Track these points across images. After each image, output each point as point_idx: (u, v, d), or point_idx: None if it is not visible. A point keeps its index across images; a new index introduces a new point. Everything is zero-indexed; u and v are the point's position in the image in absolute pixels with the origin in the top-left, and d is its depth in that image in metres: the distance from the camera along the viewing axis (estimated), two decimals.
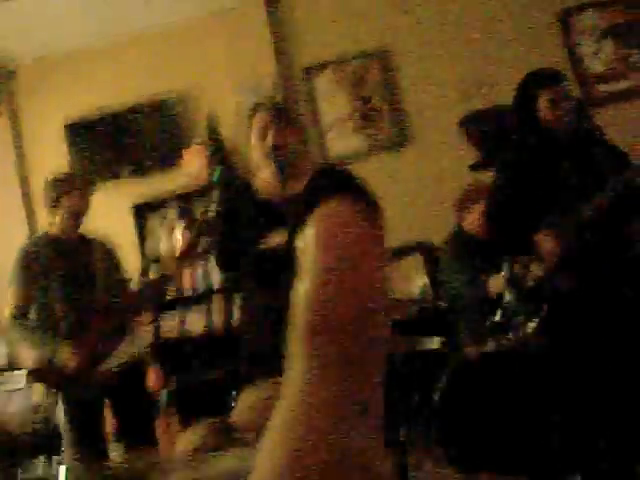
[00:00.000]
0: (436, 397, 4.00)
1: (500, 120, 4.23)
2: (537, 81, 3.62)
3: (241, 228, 3.27)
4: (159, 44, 6.85)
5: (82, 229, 4.48)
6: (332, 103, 6.63)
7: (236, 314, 5.83)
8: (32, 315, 4.30)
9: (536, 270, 3.50)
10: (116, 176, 6.72)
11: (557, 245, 3.45)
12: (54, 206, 4.37)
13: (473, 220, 4.68)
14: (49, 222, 4.44)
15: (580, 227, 3.44)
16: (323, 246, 1.22)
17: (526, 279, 3.53)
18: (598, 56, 6.30)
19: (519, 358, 3.95)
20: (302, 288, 1.21)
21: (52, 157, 6.72)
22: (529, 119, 3.59)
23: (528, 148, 3.64)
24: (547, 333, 3.54)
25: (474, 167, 4.54)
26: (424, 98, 6.48)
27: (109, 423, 4.42)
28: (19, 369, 5.99)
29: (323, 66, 6.66)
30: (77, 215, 4.39)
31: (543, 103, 3.54)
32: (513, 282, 3.60)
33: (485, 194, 4.04)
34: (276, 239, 3.14)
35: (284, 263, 3.07)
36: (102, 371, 4.25)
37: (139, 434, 4.37)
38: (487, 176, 3.96)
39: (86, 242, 4.50)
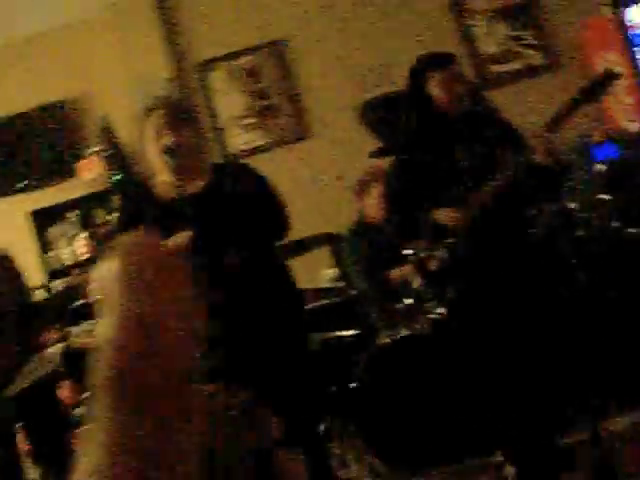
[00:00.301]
0: (353, 386, 4.01)
1: (397, 106, 4.24)
2: (427, 64, 3.64)
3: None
4: (47, 47, 6.64)
5: None
6: (228, 99, 6.57)
7: None
8: None
9: (438, 253, 3.52)
10: (11, 188, 6.51)
11: (460, 216, 3.47)
12: None
13: (372, 204, 4.70)
14: None
15: (480, 207, 3.47)
16: (123, 283, 1.12)
17: (430, 262, 3.55)
18: (491, 37, 6.39)
19: (431, 342, 3.99)
20: (102, 330, 1.12)
21: None
22: (421, 102, 3.61)
23: (421, 131, 3.66)
24: (455, 315, 3.57)
25: (374, 154, 4.55)
26: (321, 89, 6.46)
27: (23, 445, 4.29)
28: None
29: (215, 61, 6.58)
30: None
31: (433, 85, 3.56)
32: (418, 267, 3.62)
33: (383, 177, 4.06)
34: (177, 239, 3.09)
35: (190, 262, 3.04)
36: (10, 395, 4.08)
37: (55, 453, 4.25)
38: (387, 162, 3.97)
39: None
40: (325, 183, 6.22)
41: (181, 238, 3.08)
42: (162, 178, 3.33)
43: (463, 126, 3.59)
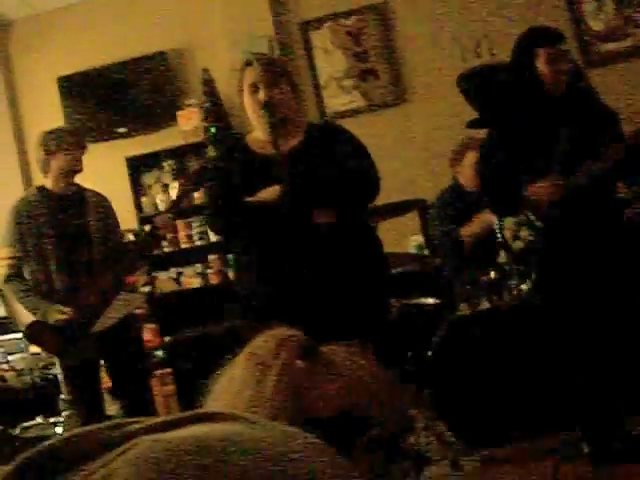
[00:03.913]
0: (430, 355, 4.02)
1: (498, 78, 4.18)
2: (537, 38, 3.58)
3: (235, 185, 3.26)
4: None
5: (77, 182, 4.41)
6: (328, 60, 6.57)
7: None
8: (26, 274, 4.25)
9: (525, 235, 3.49)
10: (111, 133, 6.67)
11: (557, 192, 3.44)
12: (45, 166, 4.29)
13: (467, 172, 4.68)
14: (42, 180, 4.39)
15: (578, 187, 3.44)
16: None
17: (515, 242, 3.52)
18: (599, 15, 6.22)
19: (511, 317, 3.97)
20: None
21: (47, 111, 6.67)
22: (526, 76, 3.56)
23: (522, 105, 3.62)
24: (540, 294, 3.54)
25: (471, 124, 4.50)
26: (422, 55, 6.42)
27: (105, 381, 4.43)
28: (18, 331, 6.00)
29: (320, 22, 6.59)
30: (69, 175, 4.31)
31: (542, 61, 3.51)
32: (503, 244, 3.60)
33: (478, 147, 4.03)
34: (266, 194, 3.13)
35: (277, 217, 3.09)
36: (96, 330, 4.21)
37: (134, 392, 4.37)
38: (483, 132, 3.94)
39: (81, 197, 4.39)
40: (419, 149, 6.20)
41: (270, 192, 3.12)
42: (257, 133, 3.37)
43: (565, 104, 3.54)
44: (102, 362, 4.38)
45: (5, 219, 4.30)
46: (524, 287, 3.78)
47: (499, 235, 3.61)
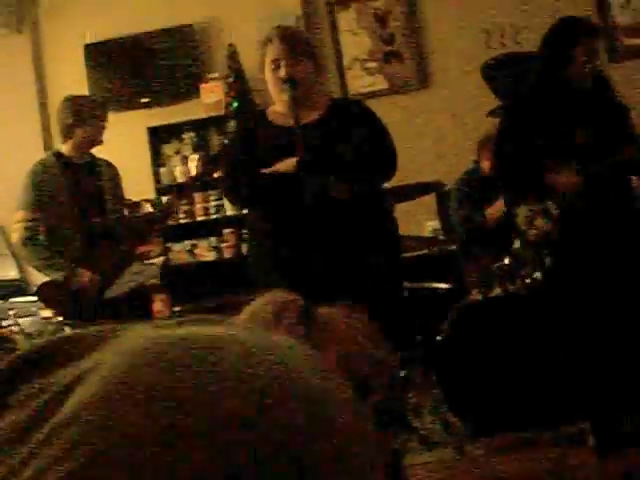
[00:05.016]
0: (440, 340, 4.02)
1: (522, 67, 4.17)
2: (576, 31, 3.56)
3: (253, 157, 3.28)
4: None
5: (93, 151, 4.44)
6: (354, 40, 6.56)
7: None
8: (41, 237, 4.28)
9: (540, 223, 3.49)
10: (133, 102, 6.68)
11: (578, 183, 3.44)
12: (69, 132, 4.31)
13: (489, 159, 4.68)
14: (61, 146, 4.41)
15: (597, 179, 3.44)
16: None
17: (530, 231, 3.53)
18: (628, 7, 6.15)
19: (523, 304, 3.97)
20: None
21: (71, 78, 6.68)
22: (557, 67, 3.54)
23: (548, 94, 3.61)
24: (554, 282, 3.54)
25: (492, 113, 4.50)
26: (447, 41, 6.40)
27: None
28: (30, 294, 6.03)
29: (347, 2, 6.57)
30: (90, 145, 4.35)
31: (579, 53, 3.49)
32: (518, 232, 3.60)
33: None
34: (283, 165, 3.15)
35: (292, 189, 3.11)
36: (108, 298, 4.24)
37: None
38: None
39: (93, 165, 4.43)
40: (440, 134, 6.18)
41: (287, 164, 3.14)
42: (278, 108, 3.38)
43: (589, 97, 3.54)
44: None
45: (22, 183, 4.32)
46: (537, 275, 3.79)
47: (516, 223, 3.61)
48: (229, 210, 6.37)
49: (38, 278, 4.51)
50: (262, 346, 0.66)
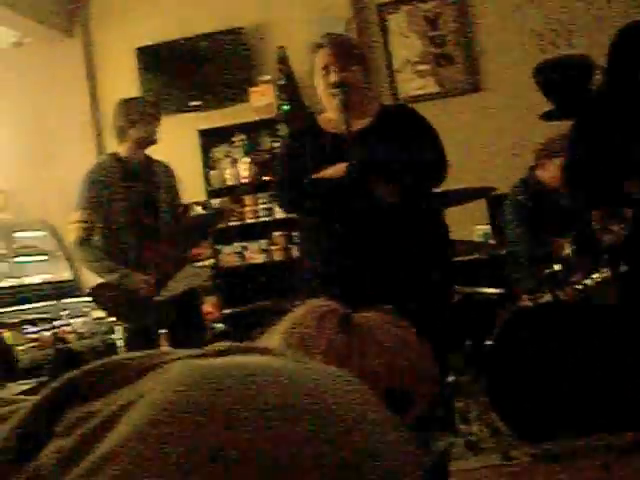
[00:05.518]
0: (489, 345, 4.00)
1: (576, 71, 4.12)
2: None
3: (304, 162, 3.29)
4: None
5: (148, 152, 4.48)
6: (404, 43, 6.55)
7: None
8: (97, 238, 4.29)
9: (616, 228, 3.46)
10: (184, 105, 6.74)
11: None
12: (123, 134, 4.36)
13: (551, 171, 4.61)
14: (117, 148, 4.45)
15: None
16: None
17: (603, 236, 3.49)
18: None
19: (575, 312, 3.93)
20: None
21: (123, 82, 6.77)
22: (627, 76, 3.50)
23: (615, 98, 3.55)
24: (625, 292, 3.50)
25: (545, 116, 4.44)
26: (499, 44, 6.36)
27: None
28: (82, 295, 6.11)
29: (397, 5, 6.56)
30: (145, 144, 4.39)
31: None
32: (586, 236, 3.57)
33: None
34: (333, 171, 3.15)
35: (342, 195, 3.11)
36: (161, 299, 4.27)
37: None
38: (561, 126, 3.90)
39: (150, 166, 4.47)
40: (491, 138, 6.14)
41: (337, 169, 3.15)
42: (329, 114, 3.39)
43: None
44: (162, 331, 4.43)
45: (79, 184, 4.37)
46: (588, 282, 3.75)
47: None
48: (278, 213, 6.40)
49: (91, 279, 4.56)
50: (298, 377, 0.68)
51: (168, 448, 0.60)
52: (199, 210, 6.11)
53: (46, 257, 6.59)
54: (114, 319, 4.70)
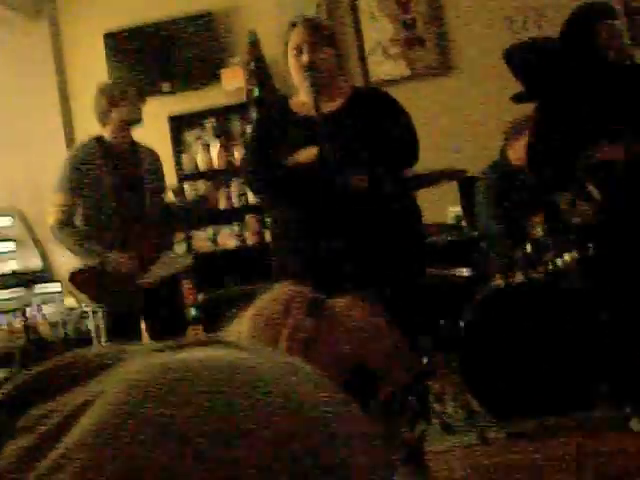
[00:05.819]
0: (462, 326, 4.02)
1: (546, 52, 4.15)
2: (597, 13, 3.60)
3: (275, 146, 3.28)
4: None
5: (132, 137, 4.44)
6: (375, 26, 6.53)
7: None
8: (78, 222, 4.27)
9: (583, 208, 3.49)
10: (154, 90, 6.69)
11: (622, 152, 3.44)
12: (105, 117, 4.32)
13: (520, 150, 4.64)
14: (100, 132, 4.41)
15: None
16: None
17: (572, 215, 3.52)
18: None
19: (547, 291, 3.95)
20: None
21: (91, 67, 6.71)
22: (586, 50, 3.55)
23: (578, 78, 3.60)
24: (592, 270, 3.53)
25: (516, 98, 4.46)
26: (470, 26, 6.36)
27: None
28: (55, 281, 6.06)
29: None
30: (128, 126, 4.36)
31: (604, 35, 3.53)
32: (555, 216, 3.60)
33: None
34: (304, 155, 3.15)
35: (313, 178, 3.11)
36: (141, 284, 4.25)
37: None
38: (530, 108, 3.92)
39: (135, 150, 4.45)
40: (463, 120, 6.16)
41: (308, 153, 3.14)
42: (300, 95, 3.38)
43: (623, 77, 3.54)
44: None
45: (50, 169, 4.33)
46: (559, 262, 3.78)
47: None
48: (251, 198, 6.38)
49: (63, 267, 4.52)
50: (266, 374, 0.71)
51: (126, 446, 0.61)
52: (170, 195, 6.08)
53: (14, 244, 6.50)
54: (89, 308, 4.68)
